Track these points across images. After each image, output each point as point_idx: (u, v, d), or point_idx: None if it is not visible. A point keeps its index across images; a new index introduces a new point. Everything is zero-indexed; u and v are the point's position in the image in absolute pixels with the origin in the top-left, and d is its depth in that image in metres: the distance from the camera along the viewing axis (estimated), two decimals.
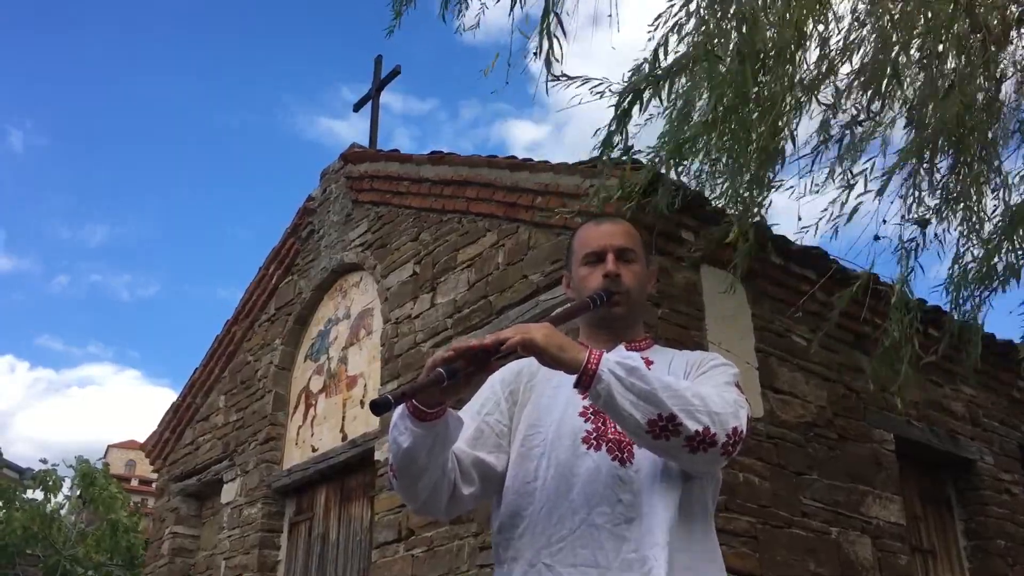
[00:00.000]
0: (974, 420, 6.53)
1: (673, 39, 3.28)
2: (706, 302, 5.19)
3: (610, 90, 3.42)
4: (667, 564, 1.61)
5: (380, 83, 8.48)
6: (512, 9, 3.34)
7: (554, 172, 5.49)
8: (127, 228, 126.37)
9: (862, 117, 3.51)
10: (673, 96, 3.38)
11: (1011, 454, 6.69)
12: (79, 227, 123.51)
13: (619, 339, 1.92)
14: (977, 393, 6.60)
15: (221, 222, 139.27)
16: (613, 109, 3.44)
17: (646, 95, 3.36)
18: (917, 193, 3.46)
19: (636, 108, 3.41)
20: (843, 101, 3.53)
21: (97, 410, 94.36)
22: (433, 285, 6.34)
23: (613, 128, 3.43)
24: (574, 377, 1.61)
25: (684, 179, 3.95)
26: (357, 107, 8.66)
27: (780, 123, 3.32)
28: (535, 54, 3.30)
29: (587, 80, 3.42)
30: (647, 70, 3.33)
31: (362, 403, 6.83)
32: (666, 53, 3.29)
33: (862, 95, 3.44)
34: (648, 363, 1.85)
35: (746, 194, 3.53)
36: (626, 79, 3.38)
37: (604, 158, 3.75)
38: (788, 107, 3.35)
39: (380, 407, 1.51)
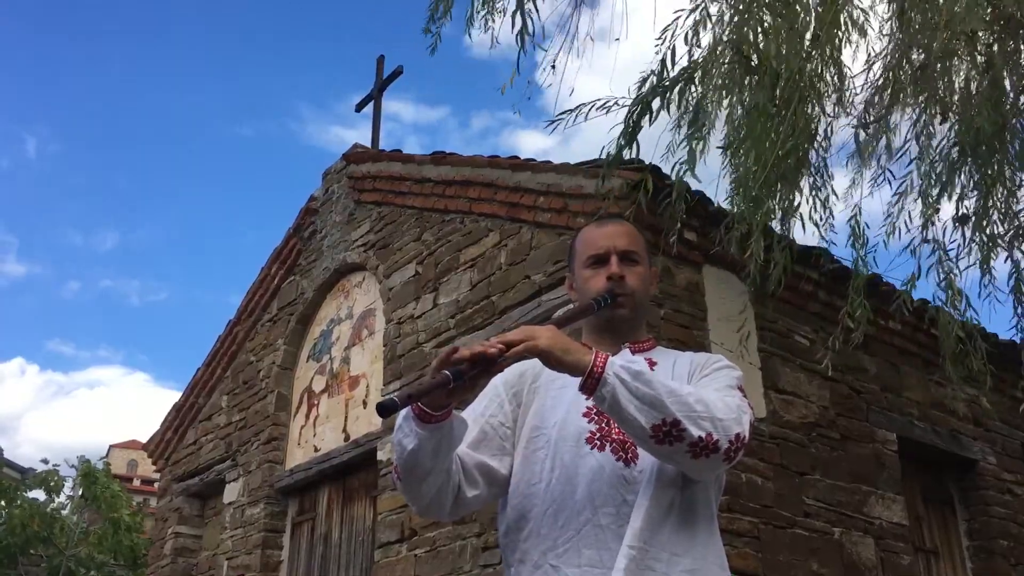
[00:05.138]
0: (976, 420, 6.52)
1: (681, 47, 3.25)
2: (708, 302, 5.19)
3: (617, 103, 3.38)
4: (629, 566, 1.60)
5: (382, 83, 8.48)
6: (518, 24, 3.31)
7: (556, 172, 5.50)
8: (137, 234, 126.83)
9: (877, 120, 3.46)
10: (684, 104, 3.34)
11: (1014, 454, 6.68)
12: (90, 233, 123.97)
13: (623, 341, 1.92)
14: (979, 393, 6.59)
15: (231, 229, 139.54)
16: (622, 123, 3.41)
17: (655, 105, 3.33)
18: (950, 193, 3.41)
19: (646, 119, 3.38)
20: (863, 108, 3.47)
21: (104, 412, 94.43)
22: (435, 285, 6.34)
23: (623, 143, 3.41)
24: (579, 379, 1.60)
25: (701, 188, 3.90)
26: (359, 107, 8.66)
27: (806, 129, 3.28)
28: (549, 67, 3.29)
29: (593, 103, 3.41)
30: (655, 81, 3.30)
31: (364, 403, 6.83)
32: (673, 62, 3.27)
33: (882, 99, 3.38)
34: (652, 364, 1.85)
35: (773, 208, 3.46)
36: (632, 92, 3.35)
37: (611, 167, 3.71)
38: (811, 115, 3.30)
39: (387, 409, 1.49)
